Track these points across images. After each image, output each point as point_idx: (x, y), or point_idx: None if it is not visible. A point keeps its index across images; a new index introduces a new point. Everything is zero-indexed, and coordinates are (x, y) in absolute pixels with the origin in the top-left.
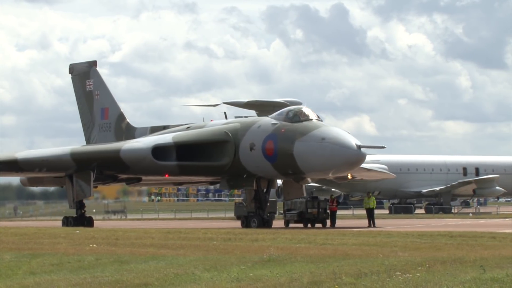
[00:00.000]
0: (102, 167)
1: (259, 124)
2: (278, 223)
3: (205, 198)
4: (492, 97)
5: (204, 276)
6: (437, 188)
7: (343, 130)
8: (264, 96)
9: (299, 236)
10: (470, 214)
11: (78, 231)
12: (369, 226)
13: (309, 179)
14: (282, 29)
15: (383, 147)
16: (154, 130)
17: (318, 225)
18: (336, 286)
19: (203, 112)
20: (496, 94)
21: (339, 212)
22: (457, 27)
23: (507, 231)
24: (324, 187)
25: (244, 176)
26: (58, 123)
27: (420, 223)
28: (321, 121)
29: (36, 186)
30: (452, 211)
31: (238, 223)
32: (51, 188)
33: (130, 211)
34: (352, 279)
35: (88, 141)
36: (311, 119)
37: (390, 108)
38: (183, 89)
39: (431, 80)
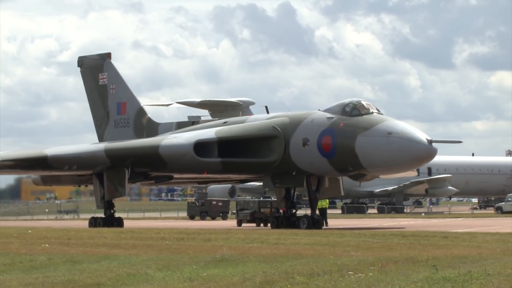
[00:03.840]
0: (136, 164)
1: (312, 118)
2: (230, 222)
3: (157, 198)
4: (442, 97)
5: (157, 275)
6: (390, 188)
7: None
8: (214, 96)
9: (251, 236)
10: (423, 214)
11: (30, 231)
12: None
13: (369, 177)
14: (229, 29)
15: (459, 142)
16: (181, 126)
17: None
18: (288, 285)
19: (154, 112)
20: (445, 94)
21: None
22: (404, 27)
23: (459, 230)
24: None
25: (294, 173)
26: (8, 123)
27: (372, 223)
28: (382, 114)
29: (51, 186)
30: (405, 210)
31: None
32: (3, 187)
33: (83, 211)
34: (304, 279)
35: (101, 138)
36: (372, 113)
37: None
38: (132, 89)
39: (380, 79)
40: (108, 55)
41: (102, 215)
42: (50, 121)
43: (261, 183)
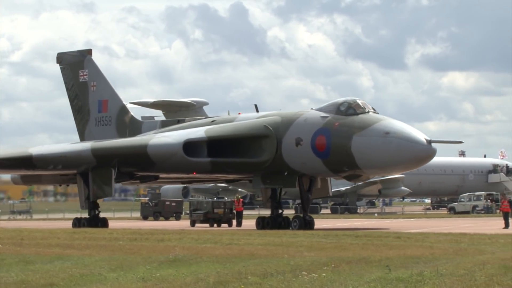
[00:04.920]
0: (123, 164)
1: (305, 117)
2: (183, 223)
3: (111, 198)
4: (394, 98)
5: (110, 276)
6: (343, 188)
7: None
8: (167, 96)
9: (205, 236)
10: (376, 214)
11: None
12: None
13: (364, 178)
14: (181, 29)
15: (460, 142)
16: (165, 124)
17: (224, 225)
18: (242, 286)
19: None
20: (397, 94)
21: (245, 212)
22: (356, 28)
23: (412, 231)
24: (231, 187)
25: (285, 173)
26: None
27: (326, 223)
28: (378, 113)
29: (31, 184)
30: (358, 211)
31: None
32: None
33: (36, 211)
34: (258, 279)
35: (82, 137)
36: (368, 112)
37: (293, 107)
38: None
39: (332, 80)
40: (88, 52)
41: (86, 216)
42: (2, 121)
43: (219, 184)
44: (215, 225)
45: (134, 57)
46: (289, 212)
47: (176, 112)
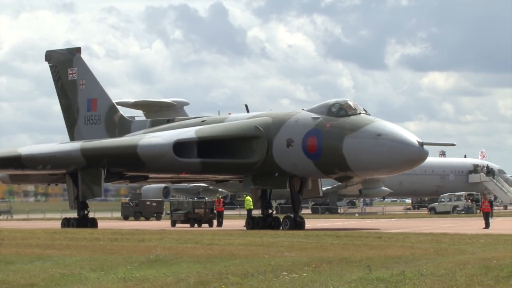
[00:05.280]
0: (112, 164)
1: (297, 118)
2: (164, 223)
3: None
4: (374, 98)
5: (91, 276)
6: (323, 188)
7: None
8: (148, 96)
9: (185, 236)
10: (356, 214)
11: None
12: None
13: (356, 180)
14: (162, 29)
15: (453, 145)
16: (155, 123)
17: (205, 225)
18: (222, 286)
19: None
20: (378, 94)
21: (226, 212)
22: (336, 28)
23: (392, 231)
24: (211, 187)
25: (276, 174)
26: None
27: (307, 224)
28: (369, 114)
29: (19, 184)
30: (339, 211)
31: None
32: None
33: (16, 212)
34: (238, 279)
35: (72, 135)
36: (359, 113)
37: (273, 107)
38: None
39: (312, 80)
40: (77, 50)
41: (74, 216)
42: None
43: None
44: (196, 225)
45: (114, 57)
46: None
47: (157, 112)
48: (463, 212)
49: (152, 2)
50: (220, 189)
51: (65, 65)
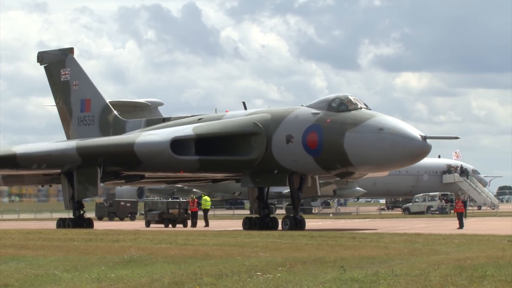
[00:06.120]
0: (108, 163)
1: (296, 114)
2: (138, 223)
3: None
4: None
5: (65, 276)
6: None
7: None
8: (121, 96)
9: (160, 237)
10: (331, 215)
11: None
12: (206, 226)
13: (357, 176)
14: (134, 29)
15: (457, 138)
16: (150, 123)
17: (179, 225)
18: (197, 286)
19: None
20: (351, 94)
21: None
22: (310, 28)
23: (366, 231)
24: (186, 187)
25: (275, 172)
26: None
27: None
28: (370, 109)
29: (12, 185)
30: (313, 211)
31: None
32: None
33: (1, 212)
34: (213, 280)
35: (67, 137)
36: (360, 108)
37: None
38: (38, 89)
39: (286, 80)
40: (70, 50)
41: (70, 216)
42: None
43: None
44: (170, 225)
45: (87, 58)
46: (243, 213)
47: (131, 112)
48: (437, 212)
49: (124, 2)
50: (194, 189)
51: (58, 66)
